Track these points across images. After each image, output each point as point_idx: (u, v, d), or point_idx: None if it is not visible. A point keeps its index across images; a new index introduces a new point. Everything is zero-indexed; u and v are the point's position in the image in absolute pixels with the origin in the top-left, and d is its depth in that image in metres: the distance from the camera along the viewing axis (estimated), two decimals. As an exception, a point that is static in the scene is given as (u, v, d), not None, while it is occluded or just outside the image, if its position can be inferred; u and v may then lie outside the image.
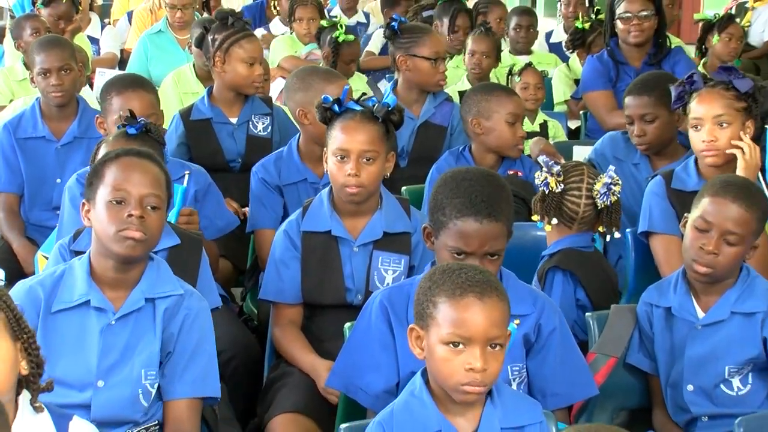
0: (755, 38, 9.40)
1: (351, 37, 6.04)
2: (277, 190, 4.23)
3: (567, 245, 3.53)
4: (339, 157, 3.50)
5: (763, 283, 3.14)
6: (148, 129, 3.56)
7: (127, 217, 2.80)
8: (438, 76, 5.00)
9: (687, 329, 3.11)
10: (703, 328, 3.10)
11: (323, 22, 6.18)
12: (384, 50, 7.04)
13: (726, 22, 6.55)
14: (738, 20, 9.23)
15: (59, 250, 3.36)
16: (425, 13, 7.07)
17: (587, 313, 3.33)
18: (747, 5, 9.53)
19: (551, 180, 3.49)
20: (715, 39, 6.49)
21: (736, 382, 3.07)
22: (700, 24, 6.79)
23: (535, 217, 3.56)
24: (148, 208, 2.84)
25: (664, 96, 4.20)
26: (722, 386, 3.08)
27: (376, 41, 7.56)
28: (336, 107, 3.57)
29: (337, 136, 3.53)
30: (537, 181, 3.55)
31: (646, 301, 3.20)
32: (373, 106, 3.58)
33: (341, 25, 6.06)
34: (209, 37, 4.92)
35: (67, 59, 4.75)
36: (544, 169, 3.52)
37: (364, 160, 3.49)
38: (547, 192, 3.50)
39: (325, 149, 3.61)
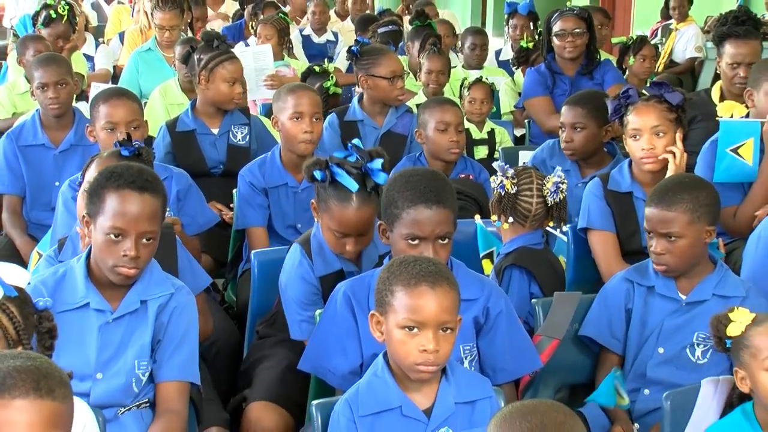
0: (679, 55, 9.50)
1: (339, 90, 5.92)
2: (263, 192, 4.20)
3: (521, 244, 3.52)
4: (339, 234, 3.25)
5: (734, 276, 3.18)
6: (139, 153, 3.42)
7: (123, 256, 2.77)
8: (396, 92, 5.02)
9: (669, 306, 3.12)
10: (686, 305, 3.11)
11: (315, 68, 6.05)
12: (350, 67, 7.07)
13: (639, 44, 6.63)
14: (663, 40, 9.36)
15: (47, 261, 3.31)
16: (380, 30, 7.07)
17: (533, 300, 3.32)
18: (671, 27, 9.62)
19: (507, 182, 3.48)
20: (630, 60, 6.56)
21: (698, 351, 3.08)
22: (618, 47, 6.86)
23: (493, 217, 3.53)
24: (144, 240, 2.80)
25: (596, 111, 4.28)
26: (687, 350, 3.08)
27: (342, 59, 7.56)
28: (321, 175, 3.26)
29: (335, 218, 3.23)
30: (493, 185, 3.53)
31: (627, 278, 3.20)
32: (364, 174, 3.23)
33: (332, 76, 5.96)
34: (195, 56, 4.89)
35: (63, 75, 4.71)
36: (500, 173, 3.50)
37: (362, 234, 3.29)
38: (503, 193, 3.48)
39: (317, 211, 3.32)
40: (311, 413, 2.61)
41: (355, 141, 3.32)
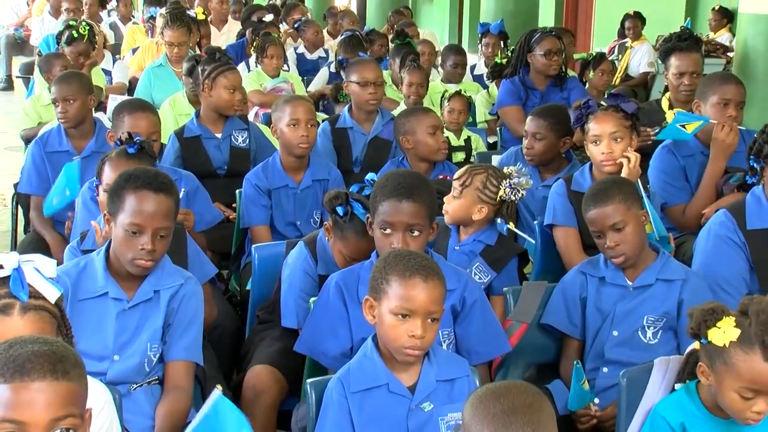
0: (633, 70, 9.54)
1: None
2: (267, 193, 4.19)
3: (495, 233, 3.48)
4: (351, 260, 3.17)
5: (675, 262, 3.19)
6: (142, 147, 3.48)
7: (140, 249, 2.77)
8: (366, 97, 5.01)
9: (619, 292, 3.12)
10: (633, 290, 3.11)
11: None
12: (334, 77, 7.15)
13: (598, 60, 6.63)
14: (619, 57, 9.40)
15: (71, 251, 3.31)
16: (342, 36, 7.06)
17: (504, 288, 3.32)
18: (627, 45, 9.65)
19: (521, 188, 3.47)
20: (591, 74, 6.56)
21: (649, 332, 3.08)
22: (579, 62, 6.88)
23: (510, 224, 3.50)
24: (159, 236, 2.80)
25: (556, 124, 4.29)
26: (639, 332, 3.08)
27: (323, 75, 7.64)
28: (342, 210, 3.19)
29: (350, 246, 3.19)
30: (513, 197, 3.44)
31: (582, 271, 3.20)
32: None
33: None
34: (199, 68, 4.90)
35: (72, 92, 4.63)
36: (508, 187, 3.44)
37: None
38: (513, 198, 3.46)
39: (330, 232, 3.27)
40: (306, 390, 2.60)
41: (370, 175, 3.28)
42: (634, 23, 9.69)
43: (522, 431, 1.79)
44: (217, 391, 2.06)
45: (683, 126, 4.10)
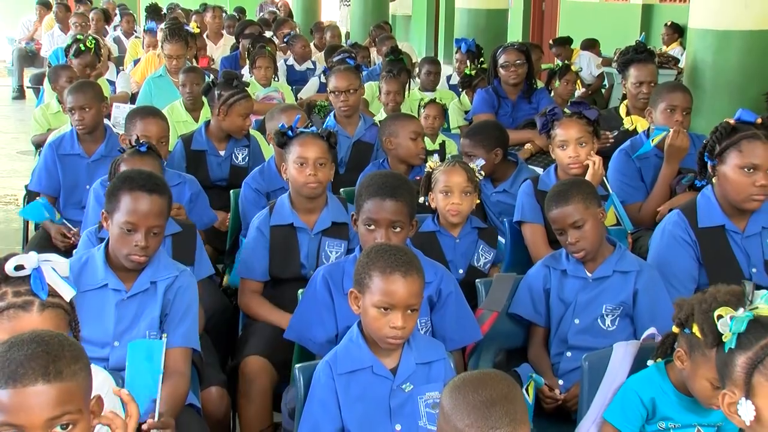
0: (587, 79, 9.59)
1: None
2: (265, 195, 4.17)
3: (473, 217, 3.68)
4: (299, 164, 3.47)
5: (631, 255, 3.19)
6: (150, 147, 3.58)
7: (134, 246, 2.76)
8: (339, 104, 5.03)
9: (579, 283, 3.12)
10: (593, 281, 3.11)
11: (321, 102, 6.18)
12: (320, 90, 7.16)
13: (563, 71, 6.65)
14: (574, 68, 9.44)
15: (87, 236, 3.31)
16: (336, 58, 7.08)
17: (477, 280, 3.32)
18: (567, 63, 9.71)
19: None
20: (557, 83, 6.58)
21: (608, 320, 3.08)
22: (546, 72, 6.90)
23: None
24: (152, 233, 2.80)
25: (483, 141, 4.25)
26: (599, 320, 3.08)
27: (311, 85, 7.62)
28: (290, 132, 3.57)
29: (296, 150, 3.50)
30: None
31: (546, 264, 3.20)
32: (319, 130, 3.60)
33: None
34: (216, 91, 4.80)
35: (88, 100, 4.60)
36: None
37: (319, 164, 3.48)
38: None
39: (283, 164, 3.60)
40: (295, 375, 2.59)
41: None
42: (559, 50, 9.74)
43: (501, 422, 1.77)
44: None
45: (653, 139, 4.14)
